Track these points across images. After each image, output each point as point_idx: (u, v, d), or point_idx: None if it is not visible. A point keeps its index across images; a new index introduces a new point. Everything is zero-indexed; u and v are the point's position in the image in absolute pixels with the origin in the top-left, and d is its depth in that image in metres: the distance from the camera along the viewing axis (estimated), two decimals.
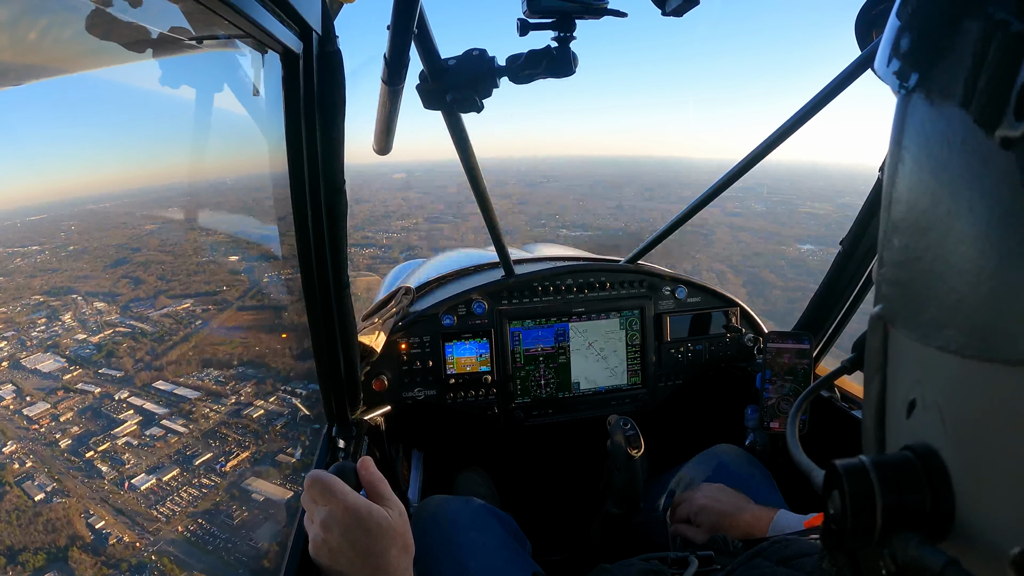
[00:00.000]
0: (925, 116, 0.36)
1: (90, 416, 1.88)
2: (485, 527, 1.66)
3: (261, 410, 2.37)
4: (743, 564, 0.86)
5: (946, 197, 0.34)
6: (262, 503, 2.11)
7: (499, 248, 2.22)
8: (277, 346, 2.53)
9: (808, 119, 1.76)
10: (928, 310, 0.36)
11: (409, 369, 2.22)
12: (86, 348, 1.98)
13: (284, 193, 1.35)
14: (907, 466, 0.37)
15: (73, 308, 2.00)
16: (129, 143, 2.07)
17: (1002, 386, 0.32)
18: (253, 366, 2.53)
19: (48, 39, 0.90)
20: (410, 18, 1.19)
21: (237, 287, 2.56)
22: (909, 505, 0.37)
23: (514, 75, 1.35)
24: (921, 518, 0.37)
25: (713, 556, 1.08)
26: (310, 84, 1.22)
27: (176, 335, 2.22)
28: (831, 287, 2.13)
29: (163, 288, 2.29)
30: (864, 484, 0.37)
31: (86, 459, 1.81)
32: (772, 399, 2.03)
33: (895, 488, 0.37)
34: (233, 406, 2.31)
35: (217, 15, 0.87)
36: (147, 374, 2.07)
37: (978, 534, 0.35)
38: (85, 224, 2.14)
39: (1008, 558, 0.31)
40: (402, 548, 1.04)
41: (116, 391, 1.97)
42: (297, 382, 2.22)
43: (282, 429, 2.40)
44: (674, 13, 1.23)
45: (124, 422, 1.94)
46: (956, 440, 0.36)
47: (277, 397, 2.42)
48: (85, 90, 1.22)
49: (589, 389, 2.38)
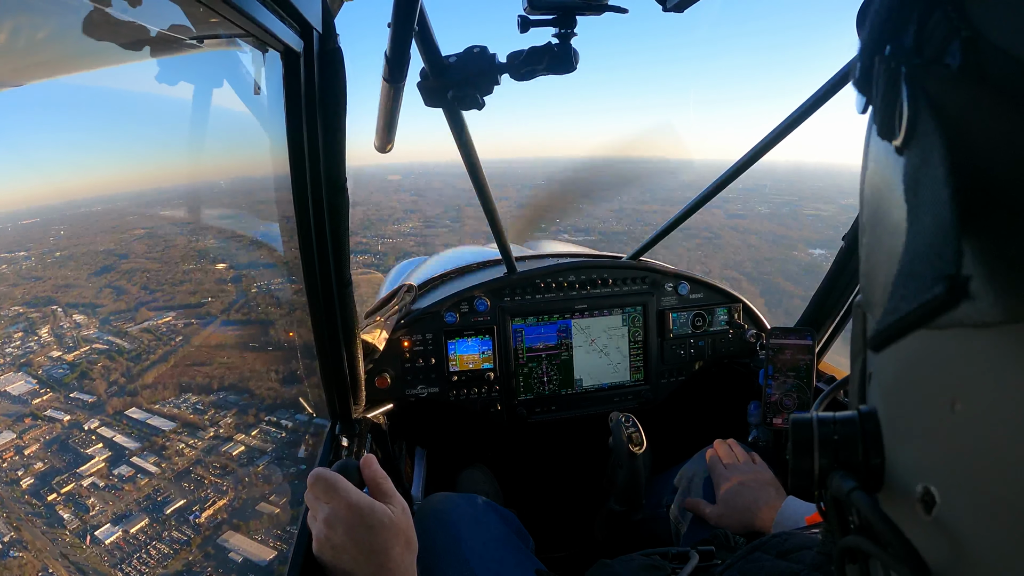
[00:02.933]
0: (871, 130, 0.41)
1: (56, 450, 1.79)
2: (488, 524, 1.67)
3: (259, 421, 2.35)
4: (743, 558, 0.87)
5: (885, 197, 0.40)
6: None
7: (501, 245, 2.22)
8: (275, 347, 2.52)
9: (807, 117, 1.75)
10: (875, 294, 0.42)
11: (412, 366, 2.22)
12: (60, 368, 1.91)
13: (286, 192, 1.35)
14: (848, 423, 0.45)
15: (51, 321, 1.95)
16: (130, 144, 2.06)
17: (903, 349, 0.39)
18: (250, 371, 2.51)
19: (47, 39, 0.90)
20: (411, 15, 1.18)
21: (225, 297, 2.53)
22: (843, 454, 0.44)
23: (515, 72, 1.35)
24: (855, 469, 0.43)
25: (714, 551, 1.09)
26: (311, 82, 1.22)
27: (154, 353, 2.17)
28: (834, 282, 2.13)
29: (146, 299, 2.26)
30: (806, 432, 0.45)
31: (48, 503, 1.70)
32: (775, 395, 2.03)
33: (830, 438, 0.45)
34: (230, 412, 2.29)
35: (218, 14, 0.87)
36: (119, 400, 2.02)
37: (897, 480, 0.41)
38: (75, 228, 2.11)
39: (916, 495, 0.38)
40: (405, 545, 1.04)
41: (86, 419, 1.90)
42: (299, 379, 2.22)
43: (285, 429, 2.39)
44: (675, 9, 1.23)
45: (92, 458, 1.86)
46: (883, 402, 0.44)
47: (278, 400, 2.41)
48: (85, 91, 1.22)
49: (592, 386, 2.39)
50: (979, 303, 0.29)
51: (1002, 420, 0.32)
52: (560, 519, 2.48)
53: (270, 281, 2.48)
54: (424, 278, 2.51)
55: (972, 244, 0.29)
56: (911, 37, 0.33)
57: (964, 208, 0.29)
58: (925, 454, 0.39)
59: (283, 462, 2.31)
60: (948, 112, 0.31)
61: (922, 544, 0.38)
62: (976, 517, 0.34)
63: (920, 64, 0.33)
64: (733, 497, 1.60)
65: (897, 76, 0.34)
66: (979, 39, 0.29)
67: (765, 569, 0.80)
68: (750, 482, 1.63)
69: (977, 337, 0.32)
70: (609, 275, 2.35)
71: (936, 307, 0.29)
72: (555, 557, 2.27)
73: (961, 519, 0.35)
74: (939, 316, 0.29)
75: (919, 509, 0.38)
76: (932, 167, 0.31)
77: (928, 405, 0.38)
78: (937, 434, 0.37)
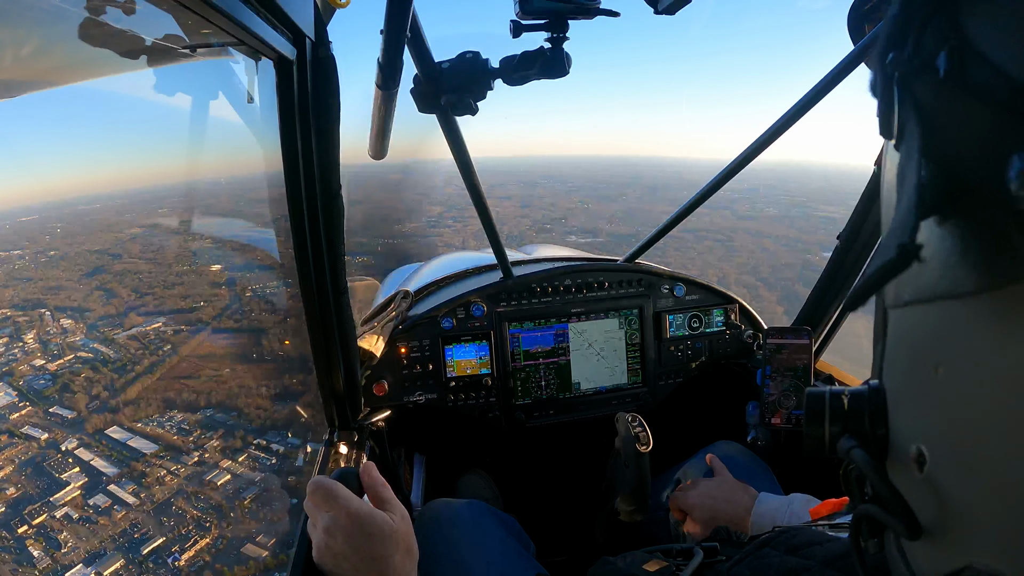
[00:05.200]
0: None
1: (31, 474, 1.74)
2: (488, 529, 1.66)
3: (256, 428, 2.33)
4: (751, 554, 0.86)
5: (887, 191, 0.42)
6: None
7: (497, 250, 2.22)
8: (270, 356, 2.52)
9: (802, 115, 1.77)
10: None
11: (409, 373, 2.22)
12: (42, 378, 1.89)
13: (280, 199, 1.35)
14: (859, 396, 0.49)
15: (38, 326, 1.93)
16: (125, 152, 2.06)
17: (901, 325, 0.45)
18: (243, 378, 2.50)
19: (42, 50, 0.90)
20: (403, 22, 1.19)
21: (217, 303, 2.51)
22: (851, 422, 0.49)
23: (508, 77, 1.36)
24: (863, 436, 0.48)
25: (718, 547, 1.08)
26: (304, 90, 1.23)
27: (140, 364, 2.14)
28: (830, 281, 2.14)
29: (136, 304, 2.24)
30: (819, 402, 0.50)
31: (18, 535, 1.63)
32: (773, 395, 2.03)
33: (839, 407, 0.49)
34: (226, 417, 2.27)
35: (210, 23, 0.87)
36: (99, 418, 1.98)
37: (897, 445, 0.45)
38: (71, 227, 2.10)
39: (912, 456, 0.42)
40: (405, 552, 1.04)
41: (64, 439, 1.85)
42: (297, 387, 2.21)
43: (282, 437, 2.38)
44: (666, 11, 1.24)
45: (67, 484, 1.81)
46: (887, 375, 0.48)
47: (275, 407, 2.40)
48: (83, 100, 1.22)
49: (590, 389, 2.38)
50: (929, 268, 0.35)
51: (975, 380, 0.36)
52: (560, 523, 2.47)
53: (265, 291, 2.48)
54: (420, 284, 2.51)
55: (938, 221, 0.35)
56: (910, 46, 0.36)
57: (932, 192, 0.33)
58: (916, 416, 0.43)
59: (281, 471, 2.30)
60: (928, 112, 0.35)
61: (916, 502, 0.42)
62: (958, 470, 0.39)
63: (912, 70, 0.36)
64: (710, 517, 1.58)
65: (892, 81, 0.38)
66: (966, 48, 0.32)
67: (774, 566, 0.79)
68: (717, 494, 1.61)
69: (955, 307, 0.37)
70: (605, 278, 2.36)
71: (889, 268, 0.33)
72: (556, 561, 2.26)
73: (946, 474, 0.39)
74: (892, 276, 0.34)
75: (914, 468, 0.42)
76: (912, 160, 0.35)
77: (917, 371, 0.42)
78: (925, 397, 0.41)
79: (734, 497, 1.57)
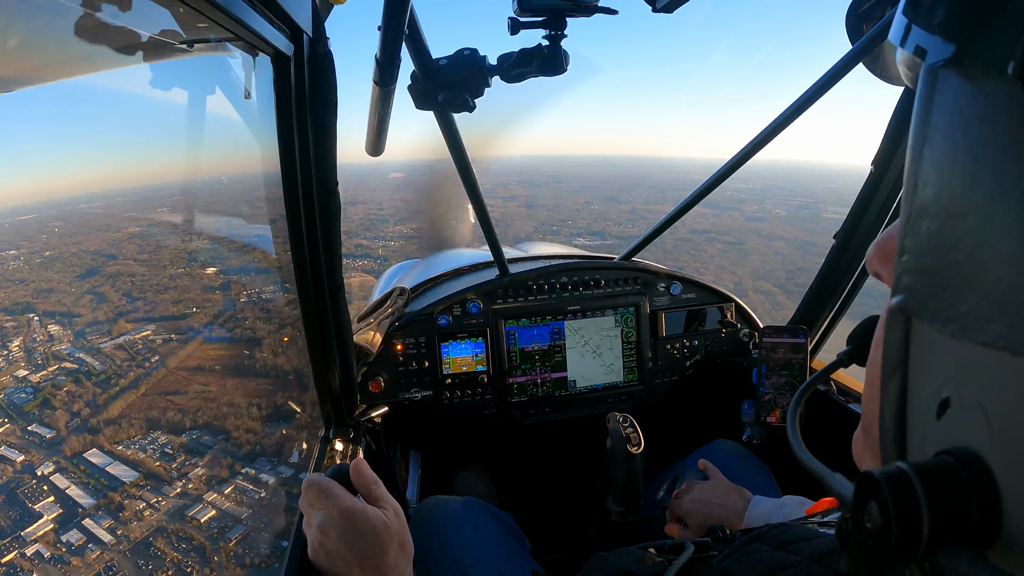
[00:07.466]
0: (960, 92, 0.35)
1: (3, 503, 1.70)
2: (483, 526, 1.66)
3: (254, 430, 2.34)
4: (741, 548, 0.87)
5: (988, 178, 0.32)
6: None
7: (493, 247, 2.22)
8: (265, 358, 2.52)
9: (800, 114, 1.77)
10: (967, 302, 0.33)
11: (405, 370, 2.22)
12: (23, 391, 1.86)
13: (277, 196, 1.35)
14: (950, 472, 0.34)
15: (25, 332, 1.91)
16: (122, 148, 2.06)
17: None
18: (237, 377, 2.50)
19: (37, 45, 0.90)
20: (401, 19, 1.19)
21: (212, 307, 2.50)
22: (956, 515, 0.33)
23: (505, 74, 1.36)
24: (967, 529, 0.33)
25: (710, 543, 1.09)
26: (301, 86, 1.22)
27: (126, 377, 2.12)
28: (825, 281, 2.14)
29: (126, 309, 2.23)
30: (909, 495, 0.33)
31: None
32: (768, 394, 2.04)
33: (941, 498, 0.33)
34: None
35: (207, 18, 0.87)
36: (77, 440, 1.95)
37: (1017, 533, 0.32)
38: (69, 226, 2.08)
39: None
40: (400, 549, 1.04)
41: (40, 462, 1.82)
42: (293, 384, 2.21)
43: (278, 435, 2.38)
44: (664, 10, 1.24)
45: (40, 517, 1.76)
46: (1004, 442, 0.32)
47: (271, 405, 2.41)
48: (80, 95, 1.22)
49: (586, 387, 2.39)
50: None
51: None
52: (556, 520, 2.48)
53: (261, 287, 2.48)
54: (416, 281, 2.51)
55: None
56: None
57: None
58: None
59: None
60: None
61: None
62: None
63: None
64: (704, 522, 1.59)
65: None
66: None
67: (763, 560, 0.80)
68: (711, 498, 1.62)
69: None
70: (601, 276, 2.36)
71: None
72: (551, 558, 2.27)
73: None
74: None
75: None
76: None
77: None
78: None
79: (728, 501, 1.58)
